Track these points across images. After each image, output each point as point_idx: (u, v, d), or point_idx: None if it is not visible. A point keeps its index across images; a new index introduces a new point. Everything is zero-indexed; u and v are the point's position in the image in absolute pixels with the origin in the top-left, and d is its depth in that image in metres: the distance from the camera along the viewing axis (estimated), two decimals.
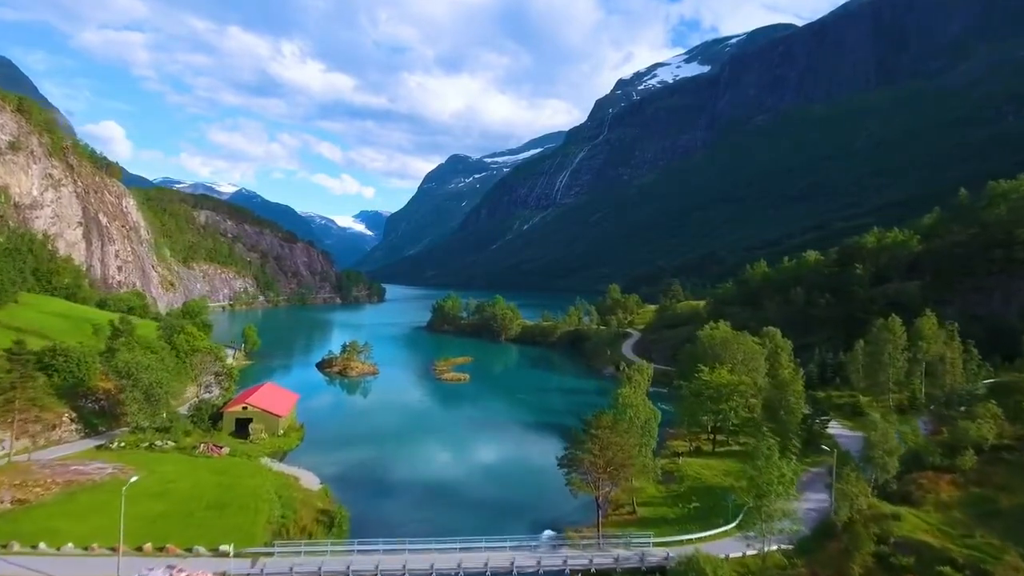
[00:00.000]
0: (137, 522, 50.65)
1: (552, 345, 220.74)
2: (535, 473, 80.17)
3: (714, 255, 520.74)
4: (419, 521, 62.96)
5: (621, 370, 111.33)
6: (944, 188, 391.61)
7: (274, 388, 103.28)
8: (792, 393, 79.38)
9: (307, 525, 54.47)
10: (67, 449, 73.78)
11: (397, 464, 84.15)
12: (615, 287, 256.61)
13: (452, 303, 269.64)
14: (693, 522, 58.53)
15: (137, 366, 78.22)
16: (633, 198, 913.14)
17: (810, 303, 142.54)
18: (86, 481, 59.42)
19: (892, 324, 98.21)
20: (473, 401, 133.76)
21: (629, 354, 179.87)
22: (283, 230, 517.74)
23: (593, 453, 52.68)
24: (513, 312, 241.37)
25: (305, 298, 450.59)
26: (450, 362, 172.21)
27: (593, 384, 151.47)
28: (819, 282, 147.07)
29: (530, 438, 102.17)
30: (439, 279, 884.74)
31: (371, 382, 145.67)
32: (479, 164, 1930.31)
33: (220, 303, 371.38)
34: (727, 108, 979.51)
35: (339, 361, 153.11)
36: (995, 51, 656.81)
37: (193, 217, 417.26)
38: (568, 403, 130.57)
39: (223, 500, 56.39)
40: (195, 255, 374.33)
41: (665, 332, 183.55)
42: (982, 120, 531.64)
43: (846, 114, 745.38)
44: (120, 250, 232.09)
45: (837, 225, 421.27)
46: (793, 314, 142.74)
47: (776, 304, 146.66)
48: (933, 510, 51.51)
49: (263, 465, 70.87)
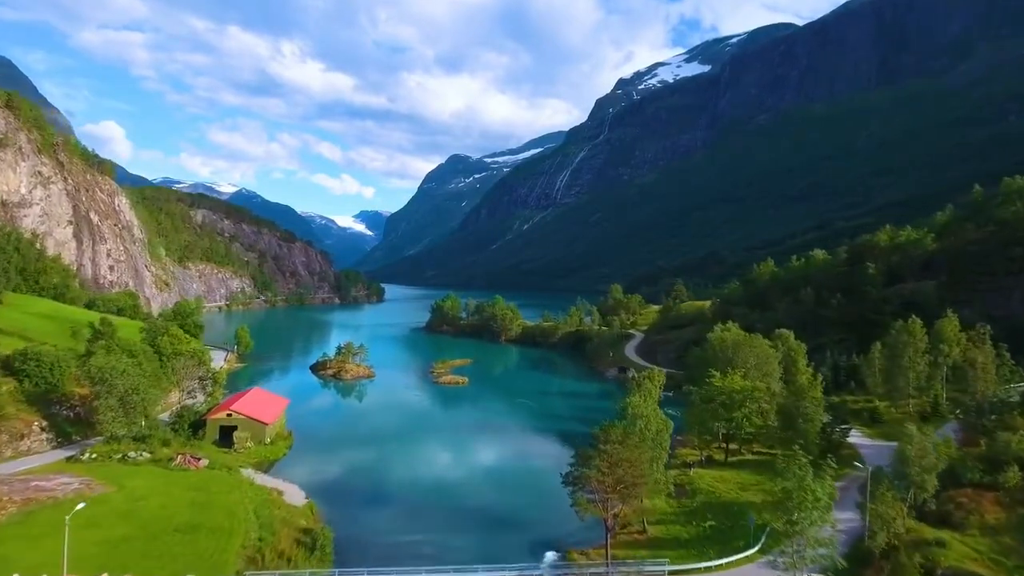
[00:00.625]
0: (95, 547, 45.71)
1: (553, 346, 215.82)
2: (537, 484, 75.15)
3: (715, 255, 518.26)
4: (410, 542, 57.98)
5: (631, 376, 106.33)
6: (945, 188, 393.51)
7: (261, 393, 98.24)
8: (811, 400, 74.38)
9: (286, 549, 49.42)
10: (35, 461, 68.79)
11: (389, 475, 79.16)
12: (617, 287, 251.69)
13: (451, 303, 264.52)
14: (710, 544, 53.55)
15: (112, 371, 73.19)
16: (633, 198, 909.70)
17: (821, 303, 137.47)
18: (47, 499, 54.42)
19: (912, 326, 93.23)
20: (471, 406, 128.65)
21: (632, 356, 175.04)
22: (281, 229, 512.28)
23: (602, 471, 47.69)
24: (513, 312, 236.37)
25: (303, 298, 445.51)
26: (448, 364, 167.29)
27: (596, 387, 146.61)
28: (829, 282, 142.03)
29: (531, 446, 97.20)
30: (439, 279, 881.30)
31: (366, 385, 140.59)
32: (479, 164, 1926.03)
33: (217, 303, 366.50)
34: (728, 108, 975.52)
35: (334, 363, 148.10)
36: (996, 51, 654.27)
37: (190, 216, 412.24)
38: (571, 407, 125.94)
39: (195, 521, 51.35)
40: (191, 255, 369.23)
41: (669, 333, 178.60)
42: (983, 120, 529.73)
43: (847, 114, 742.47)
44: (112, 249, 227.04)
45: (838, 224, 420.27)
46: (803, 315, 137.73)
47: (785, 305, 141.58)
48: (979, 534, 46.54)
49: (244, 478, 65.84)
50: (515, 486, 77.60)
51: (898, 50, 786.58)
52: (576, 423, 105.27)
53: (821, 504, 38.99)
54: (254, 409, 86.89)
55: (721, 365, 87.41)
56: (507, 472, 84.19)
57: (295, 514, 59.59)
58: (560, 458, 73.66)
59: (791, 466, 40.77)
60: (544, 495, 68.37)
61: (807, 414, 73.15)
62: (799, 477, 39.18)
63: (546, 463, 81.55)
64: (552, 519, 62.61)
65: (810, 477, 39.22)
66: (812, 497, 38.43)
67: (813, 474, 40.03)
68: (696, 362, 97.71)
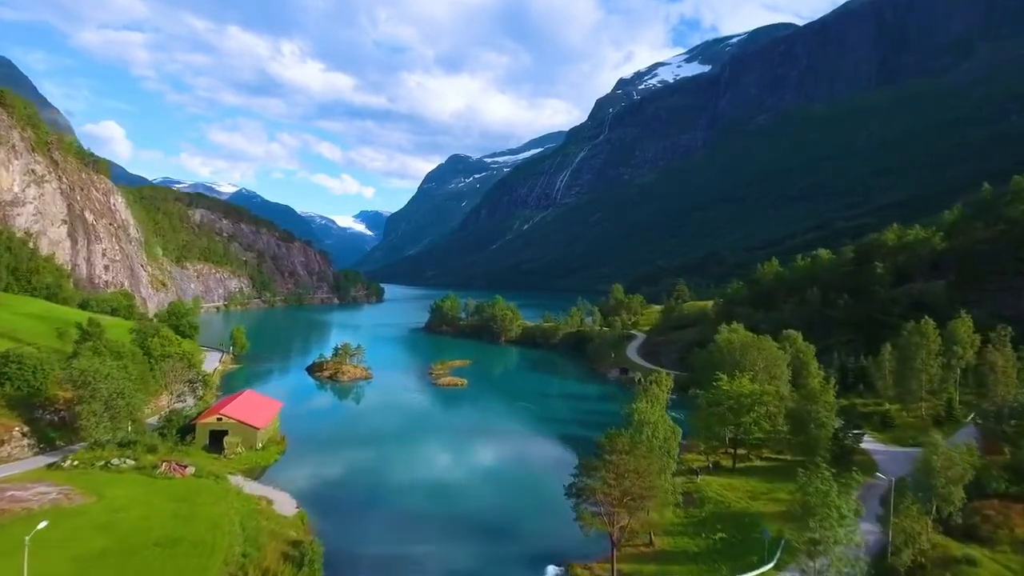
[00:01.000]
0: (68, 564, 42.81)
1: (554, 347, 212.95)
2: (538, 492, 72.34)
3: (715, 255, 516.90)
4: (405, 555, 55.13)
5: (636, 379, 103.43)
6: (947, 187, 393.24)
7: (254, 396, 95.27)
8: (823, 404, 71.54)
9: (272, 565, 46.45)
10: (14, 468, 65.82)
11: (385, 481, 76.27)
12: (618, 287, 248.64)
13: (451, 303, 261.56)
14: (721, 558, 50.63)
15: (95, 375, 70.31)
16: (633, 198, 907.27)
17: (827, 304, 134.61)
18: (20, 510, 51.47)
19: (925, 327, 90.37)
20: (471, 408, 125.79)
21: (634, 357, 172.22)
22: (280, 229, 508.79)
23: (607, 483, 44.82)
24: (513, 313, 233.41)
25: (302, 298, 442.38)
26: (447, 365, 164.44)
27: (597, 389, 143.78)
28: (836, 282, 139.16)
29: (532, 451, 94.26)
30: (439, 279, 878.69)
31: (363, 387, 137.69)
32: (479, 164, 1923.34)
33: (215, 303, 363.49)
34: (728, 108, 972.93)
35: (330, 365, 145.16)
36: (997, 50, 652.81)
37: (188, 216, 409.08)
38: (572, 410, 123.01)
39: (176, 534, 48.44)
40: (189, 254, 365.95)
41: (672, 334, 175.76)
42: (984, 120, 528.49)
43: (847, 114, 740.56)
44: (107, 249, 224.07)
45: (839, 224, 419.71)
46: (809, 315, 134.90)
47: (791, 305, 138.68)
48: (1010, 551, 43.72)
49: (232, 487, 62.91)
50: (515, 493, 74.74)
51: (898, 50, 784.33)
52: (578, 427, 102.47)
53: (847, 522, 36.13)
54: (245, 413, 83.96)
55: (728, 368, 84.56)
56: (507, 479, 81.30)
57: (284, 525, 56.70)
58: (562, 464, 70.88)
59: (812, 479, 37.88)
60: (545, 503, 65.57)
61: (819, 419, 70.36)
62: (822, 492, 36.31)
63: (548, 469, 78.74)
64: (553, 529, 59.67)
65: (835, 492, 36.35)
66: (837, 515, 35.57)
67: (837, 489, 37.11)
68: (702, 364, 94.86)
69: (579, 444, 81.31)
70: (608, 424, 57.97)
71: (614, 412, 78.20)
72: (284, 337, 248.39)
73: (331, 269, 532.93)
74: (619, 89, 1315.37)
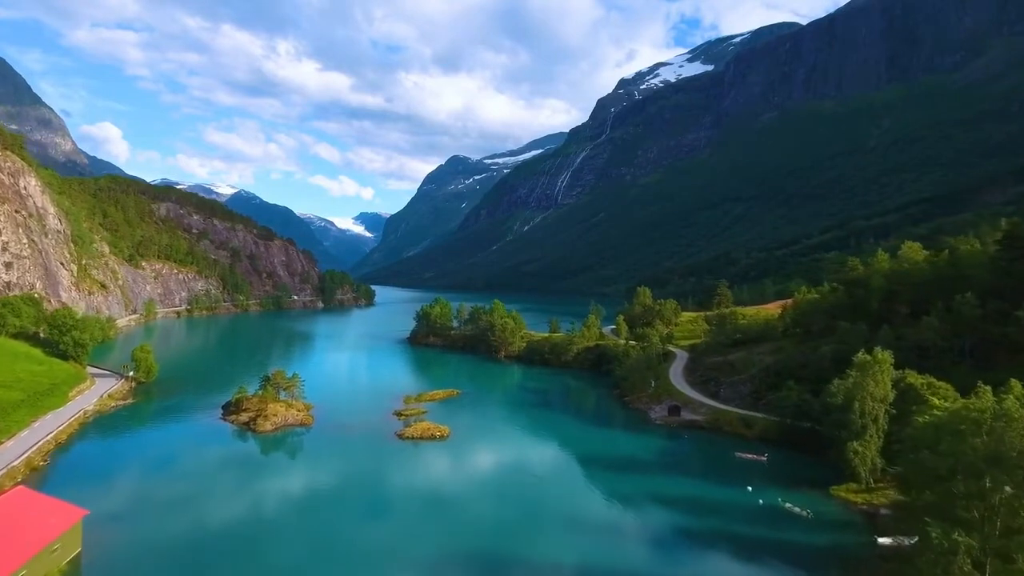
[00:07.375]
0: None
1: (566, 364, 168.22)
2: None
3: (727, 255, 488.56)
4: None
5: (765, 459, 55.84)
6: (972, 185, 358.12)
7: (25, 498, 50.35)
8: None
9: None
10: None
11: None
12: (645, 290, 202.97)
13: (440, 310, 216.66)
14: None
15: None
16: (636, 198, 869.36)
17: (990, 316, 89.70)
18: None
19: None
20: (448, 488, 77.15)
21: (681, 384, 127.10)
22: (258, 226, 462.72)
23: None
24: (516, 322, 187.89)
25: (281, 302, 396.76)
26: (425, 398, 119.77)
27: (644, 442, 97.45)
28: (996, 284, 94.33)
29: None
30: (438, 281, 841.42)
31: (291, 442, 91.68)
32: (479, 165, 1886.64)
33: (175, 308, 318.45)
34: (733, 106, 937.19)
35: (252, 403, 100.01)
36: (1012, 45, 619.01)
37: (152, 210, 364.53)
38: (613, 491, 75.74)
39: None
40: (146, 252, 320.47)
41: (731, 354, 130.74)
42: (1003, 116, 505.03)
43: (857, 111, 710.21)
44: (9, 242, 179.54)
45: (858, 224, 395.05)
46: (962, 331, 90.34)
47: (932, 317, 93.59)
48: None
49: None
50: None
51: (908, 47, 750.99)
52: (636, 544, 57.26)
53: None
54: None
55: (970, 473, 39.53)
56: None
57: None
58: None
59: None
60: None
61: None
62: None
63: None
64: None
65: None
66: None
67: None
68: (919, 473, 48.71)
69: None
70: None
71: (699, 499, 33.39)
72: (226, 353, 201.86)
73: (316, 270, 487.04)
74: (621, 89, 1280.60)
